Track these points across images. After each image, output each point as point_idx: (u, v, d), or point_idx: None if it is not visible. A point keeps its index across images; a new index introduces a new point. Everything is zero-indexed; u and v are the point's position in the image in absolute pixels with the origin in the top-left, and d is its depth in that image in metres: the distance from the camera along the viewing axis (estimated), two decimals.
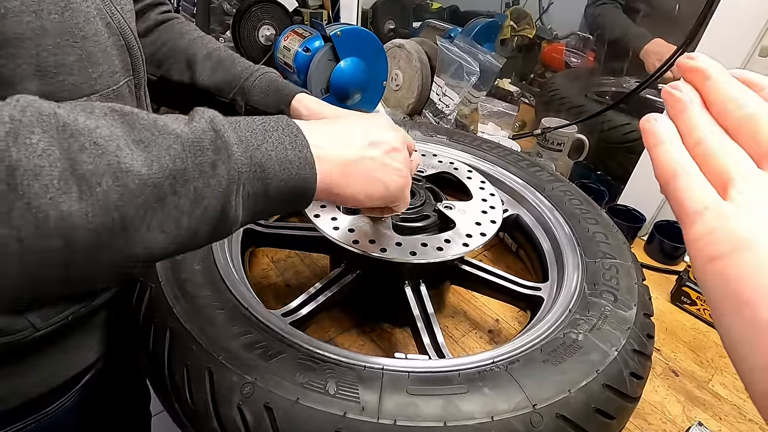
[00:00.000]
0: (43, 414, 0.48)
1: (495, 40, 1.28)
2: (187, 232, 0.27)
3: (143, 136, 0.25)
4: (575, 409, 0.38)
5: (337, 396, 0.37)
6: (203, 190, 0.27)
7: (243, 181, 0.29)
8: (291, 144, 0.32)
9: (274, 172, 0.30)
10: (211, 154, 0.27)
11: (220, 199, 0.28)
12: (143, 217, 0.25)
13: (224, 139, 0.28)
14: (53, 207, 0.21)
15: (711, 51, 0.71)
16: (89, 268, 0.24)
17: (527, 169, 0.75)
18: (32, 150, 0.21)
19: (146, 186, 0.24)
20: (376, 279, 0.58)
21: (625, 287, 0.52)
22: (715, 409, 0.57)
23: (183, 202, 0.26)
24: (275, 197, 0.31)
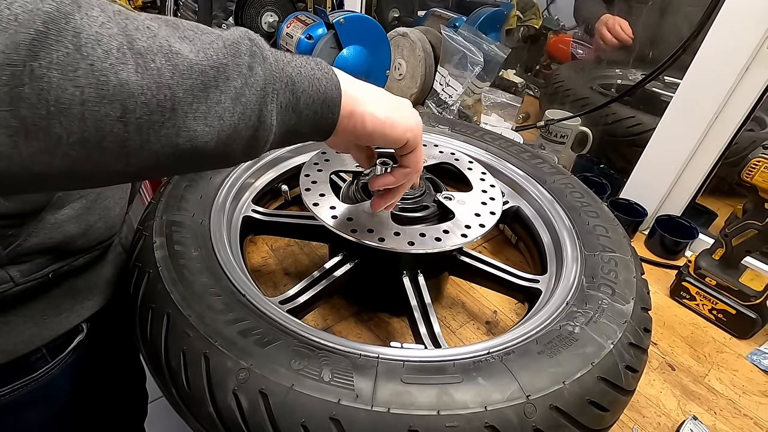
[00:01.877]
0: (31, 379, 0.48)
1: (500, 29, 1.26)
2: (228, 130, 0.29)
3: (188, 33, 0.28)
4: (569, 400, 0.38)
5: (332, 383, 0.37)
6: (242, 89, 0.29)
7: (277, 89, 0.31)
8: (317, 66, 0.35)
9: (303, 87, 0.33)
10: (248, 58, 0.30)
11: (257, 100, 0.30)
12: (191, 102, 0.26)
13: (259, 46, 0.31)
14: (113, 73, 0.23)
15: (718, 43, 0.70)
16: (138, 147, 0.25)
17: (529, 161, 0.74)
18: (94, 20, 0.22)
19: (194, 71, 0.26)
20: (374, 268, 0.58)
21: (623, 281, 0.52)
22: (710, 404, 0.57)
23: (224, 98, 0.28)
24: (304, 113, 0.34)
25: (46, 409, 0.52)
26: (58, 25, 0.21)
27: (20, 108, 0.21)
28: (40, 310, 0.46)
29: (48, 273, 0.45)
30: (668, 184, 0.83)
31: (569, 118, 0.98)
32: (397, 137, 0.41)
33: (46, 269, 0.45)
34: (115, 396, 0.64)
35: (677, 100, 0.78)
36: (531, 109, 1.28)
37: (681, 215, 0.84)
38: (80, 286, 0.50)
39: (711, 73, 0.72)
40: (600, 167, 1.00)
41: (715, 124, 0.75)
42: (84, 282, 0.50)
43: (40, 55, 0.21)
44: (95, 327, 0.53)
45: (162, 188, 0.58)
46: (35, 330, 0.46)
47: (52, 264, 0.46)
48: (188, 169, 0.31)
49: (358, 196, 0.59)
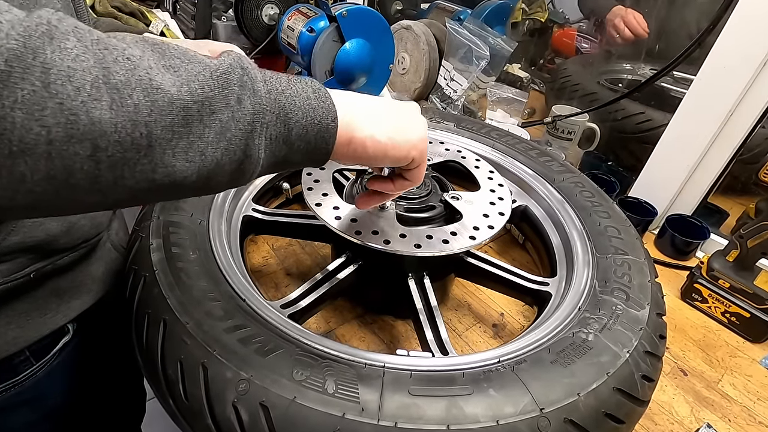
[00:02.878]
0: (15, 382, 0.46)
1: (506, 23, 1.24)
2: (210, 164, 0.27)
3: (173, 62, 0.26)
4: (584, 413, 0.37)
5: (336, 395, 0.35)
6: (228, 123, 0.27)
7: (267, 122, 0.30)
8: (314, 93, 0.32)
9: (297, 118, 0.31)
10: (237, 89, 0.28)
11: (244, 134, 0.28)
12: (170, 139, 0.25)
13: (251, 76, 0.29)
14: (84, 111, 0.22)
15: (735, 38, 0.68)
16: (111, 183, 0.24)
17: (537, 159, 0.72)
18: (66, 54, 0.21)
19: (175, 106, 0.25)
20: (378, 271, 0.57)
21: (637, 285, 0.50)
22: (724, 411, 0.56)
23: (208, 132, 0.27)
24: (296, 144, 0.32)
25: (33, 412, 0.50)
26: (24, 62, 0.20)
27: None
28: (23, 310, 0.45)
29: (30, 273, 0.43)
30: (680, 183, 0.81)
31: (577, 114, 0.96)
32: (401, 157, 0.39)
33: (27, 269, 0.43)
34: (109, 396, 0.63)
35: (691, 96, 0.76)
36: (536, 104, 1.26)
37: (692, 214, 0.82)
38: (66, 285, 0.48)
39: (727, 69, 0.70)
40: (608, 164, 0.98)
41: (730, 120, 0.72)
42: (70, 281, 0.48)
43: (2, 95, 0.20)
44: (84, 327, 0.51)
45: None
46: (19, 331, 0.44)
47: (34, 263, 0.44)
48: (168, 199, 0.30)
49: None
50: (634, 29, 1.06)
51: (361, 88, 1.05)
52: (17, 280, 0.42)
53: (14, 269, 0.42)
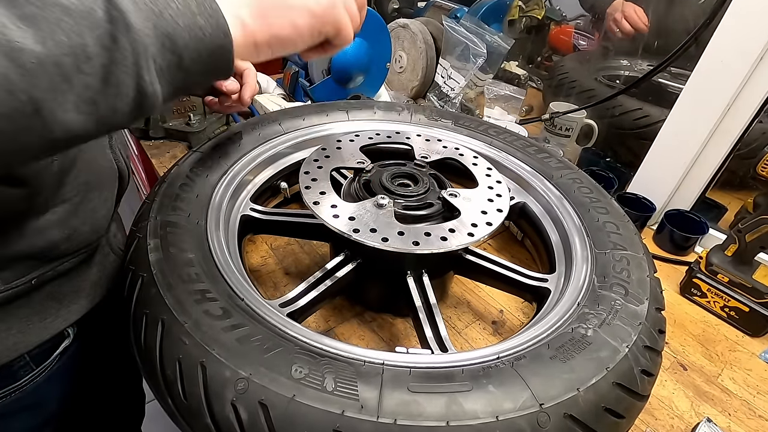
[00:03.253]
0: (14, 387, 0.46)
1: (503, 20, 1.23)
2: (105, 111, 0.26)
3: (27, 10, 0.23)
4: (584, 408, 0.37)
5: (335, 393, 0.35)
6: (110, 66, 0.25)
7: (152, 54, 0.27)
8: (198, 8, 0.29)
9: (184, 42, 0.29)
10: (107, 25, 0.25)
11: (131, 74, 0.26)
12: (54, 98, 0.24)
13: (119, 8, 0.26)
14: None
15: (732, 33, 0.68)
16: (17, 150, 0.24)
17: (535, 156, 0.72)
18: None
19: (46, 64, 0.23)
20: (377, 269, 0.57)
21: (636, 280, 0.50)
22: (724, 405, 0.56)
23: (91, 80, 0.25)
24: (192, 68, 0.30)
25: (34, 418, 0.50)
26: None
27: None
28: (24, 316, 0.44)
29: (31, 279, 0.43)
30: (678, 178, 0.81)
31: (574, 111, 0.96)
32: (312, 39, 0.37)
33: (28, 275, 0.43)
34: (109, 399, 0.62)
35: (688, 90, 0.76)
36: (534, 101, 1.26)
37: (690, 210, 0.82)
38: (66, 290, 0.48)
39: (723, 64, 0.70)
40: (606, 161, 0.98)
41: (727, 115, 0.73)
42: (70, 286, 0.48)
43: None
44: (83, 331, 0.51)
45: (156, 187, 0.56)
46: (20, 336, 0.44)
47: (36, 270, 0.43)
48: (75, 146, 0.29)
49: (360, 193, 0.57)
50: (634, 23, 1.06)
51: (359, 87, 1.05)
52: (18, 287, 0.42)
53: (16, 276, 0.42)
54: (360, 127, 0.74)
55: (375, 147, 0.67)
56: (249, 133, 0.68)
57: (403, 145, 0.69)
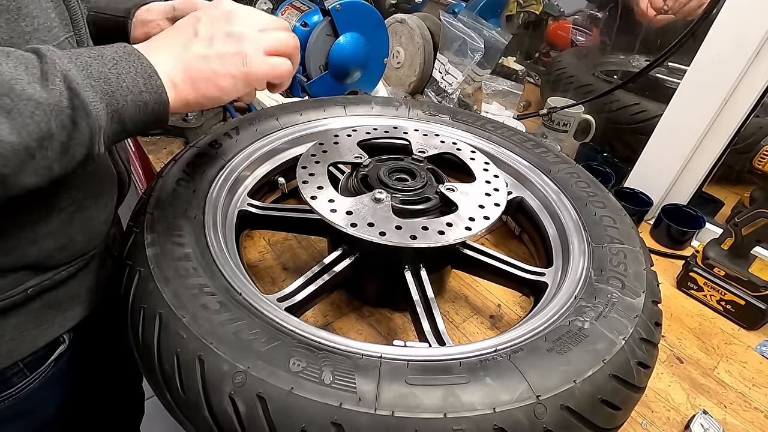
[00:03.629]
0: (8, 395, 0.46)
1: (500, 15, 1.23)
2: (59, 171, 0.32)
3: (4, 102, 0.28)
4: (581, 400, 0.37)
5: (333, 385, 0.35)
6: (68, 143, 0.31)
7: (103, 127, 0.33)
8: (145, 85, 0.35)
9: (130, 115, 0.35)
10: (70, 112, 0.31)
11: (84, 146, 0.32)
12: (18, 172, 0.29)
13: (80, 98, 0.31)
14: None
15: (728, 27, 0.68)
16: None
17: (532, 150, 0.72)
18: None
19: (17, 150, 0.28)
20: (375, 263, 0.57)
21: (632, 273, 0.50)
22: (720, 397, 0.56)
23: (51, 154, 0.31)
24: (133, 130, 0.37)
25: (29, 424, 0.49)
26: None
27: None
28: (19, 324, 0.44)
29: (27, 289, 0.43)
30: (675, 172, 0.81)
31: (572, 106, 0.96)
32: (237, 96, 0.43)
33: (23, 285, 0.43)
34: (107, 401, 0.62)
35: (685, 85, 0.76)
36: (532, 96, 1.26)
37: (687, 204, 0.82)
38: (62, 298, 0.48)
39: (721, 58, 0.70)
40: (604, 156, 0.98)
41: (725, 109, 0.73)
42: (66, 293, 0.48)
43: None
44: (79, 335, 0.51)
45: (154, 182, 0.56)
46: (14, 344, 0.44)
47: (31, 280, 0.44)
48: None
49: (357, 188, 0.57)
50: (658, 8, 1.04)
51: (356, 83, 1.04)
52: (14, 297, 0.42)
53: (11, 286, 0.42)
54: (357, 122, 0.74)
55: (372, 142, 0.67)
56: (246, 129, 0.68)
57: (401, 140, 0.69)
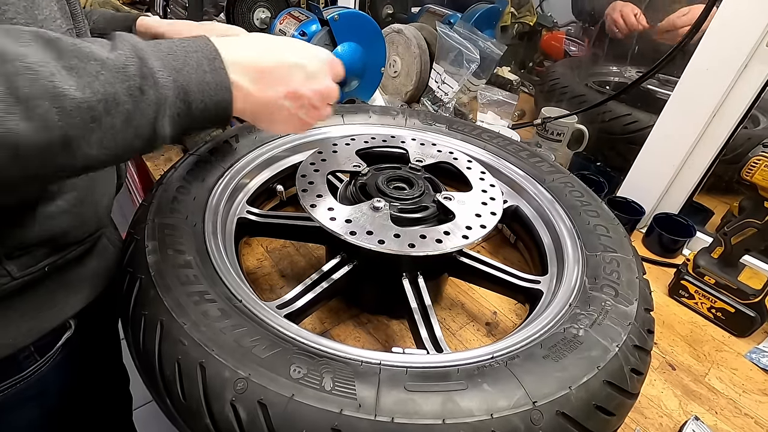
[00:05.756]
0: (20, 378, 0.48)
1: (495, 26, 1.25)
2: (122, 147, 0.31)
3: (72, 63, 0.28)
4: (576, 406, 0.38)
5: (334, 392, 0.36)
6: (133, 112, 0.31)
7: (169, 103, 0.33)
8: (209, 66, 0.35)
9: (194, 94, 0.34)
10: (138, 80, 0.31)
11: (149, 119, 0.32)
12: (82, 136, 0.28)
13: (149, 66, 0.32)
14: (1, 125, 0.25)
15: (717, 40, 0.70)
16: (36, 176, 0.29)
17: (527, 160, 0.73)
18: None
19: (82, 108, 0.28)
20: (373, 271, 0.57)
21: (626, 281, 0.51)
22: (711, 403, 0.57)
23: (116, 122, 0.30)
24: (198, 116, 0.36)
25: (37, 409, 0.51)
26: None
27: None
28: (36, 303, 0.46)
29: (44, 266, 0.45)
30: (666, 182, 0.83)
31: (566, 116, 0.97)
32: None
33: (42, 263, 0.45)
34: (105, 387, 0.64)
35: (676, 97, 0.78)
36: (526, 106, 1.27)
37: (678, 213, 0.84)
38: (72, 279, 0.50)
39: (710, 70, 0.72)
40: (597, 165, 1.00)
41: (714, 120, 0.75)
42: (75, 275, 0.50)
43: None
44: (83, 323, 0.53)
45: (154, 190, 0.56)
46: (32, 323, 0.46)
47: (48, 257, 0.45)
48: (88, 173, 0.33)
49: (355, 196, 0.58)
50: (630, 24, 1.08)
51: (354, 92, 1.06)
52: (32, 274, 0.44)
53: (30, 263, 0.44)
54: (355, 131, 0.75)
55: (370, 151, 0.68)
56: (245, 137, 0.69)
57: (398, 149, 0.70)
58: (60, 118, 0.27)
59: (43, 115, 0.26)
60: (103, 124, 0.29)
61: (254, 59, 0.39)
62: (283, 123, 0.43)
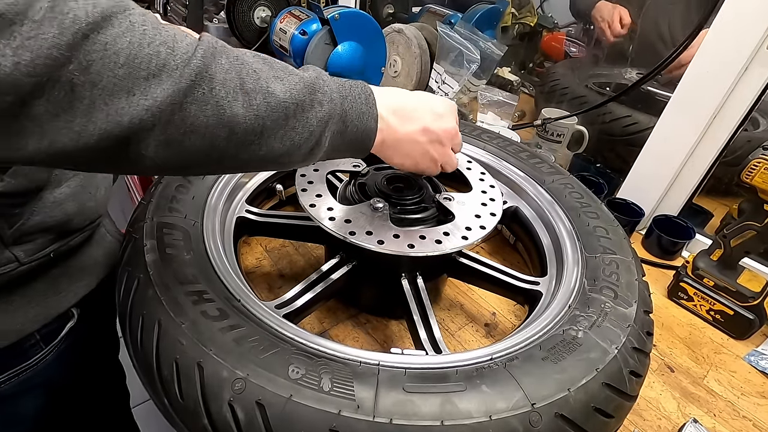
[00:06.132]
0: (26, 366, 0.49)
1: (496, 27, 1.25)
2: (294, 147, 0.37)
3: (279, 74, 0.35)
4: (574, 408, 0.37)
5: (332, 393, 0.36)
6: (311, 119, 0.37)
7: (335, 120, 0.39)
8: (365, 100, 0.42)
9: (352, 118, 0.40)
10: (319, 95, 0.37)
11: (320, 127, 0.38)
12: (273, 128, 0.34)
13: (328, 85, 0.39)
14: (228, 107, 0.31)
15: (718, 42, 0.70)
16: (231, 156, 0.34)
17: (527, 161, 0.73)
18: (221, 68, 0.31)
19: (281, 107, 0.34)
20: (372, 271, 0.57)
21: (625, 283, 0.51)
22: (709, 406, 0.57)
23: (298, 125, 0.36)
24: (348, 139, 0.41)
25: (43, 397, 0.53)
26: (202, 74, 0.30)
27: (168, 128, 0.29)
28: (41, 289, 0.48)
29: (49, 252, 0.47)
30: (666, 184, 0.83)
31: (566, 117, 0.97)
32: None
33: (47, 249, 0.47)
34: (105, 376, 0.66)
35: (676, 98, 0.78)
36: (526, 107, 1.27)
37: (678, 215, 0.84)
38: (75, 266, 0.52)
39: (710, 72, 0.72)
40: (596, 167, 1.00)
41: (714, 123, 0.74)
42: (78, 262, 0.52)
43: (189, 97, 0.29)
44: (85, 313, 0.54)
45: (152, 189, 0.56)
46: (38, 309, 0.48)
47: (53, 243, 0.47)
48: (256, 170, 0.40)
49: (355, 196, 0.57)
50: (613, 28, 1.10)
51: None
52: (39, 260, 0.46)
53: (36, 249, 0.46)
54: None
55: None
56: None
57: None
58: (266, 111, 0.33)
59: (257, 106, 0.32)
60: (289, 123, 0.35)
61: (396, 101, 0.45)
62: (416, 158, 0.48)
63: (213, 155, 0.33)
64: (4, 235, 0.43)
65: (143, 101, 0.28)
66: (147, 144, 0.29)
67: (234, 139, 0.32)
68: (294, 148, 0.36)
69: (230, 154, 0.33)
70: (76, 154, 0.28)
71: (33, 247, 0.45)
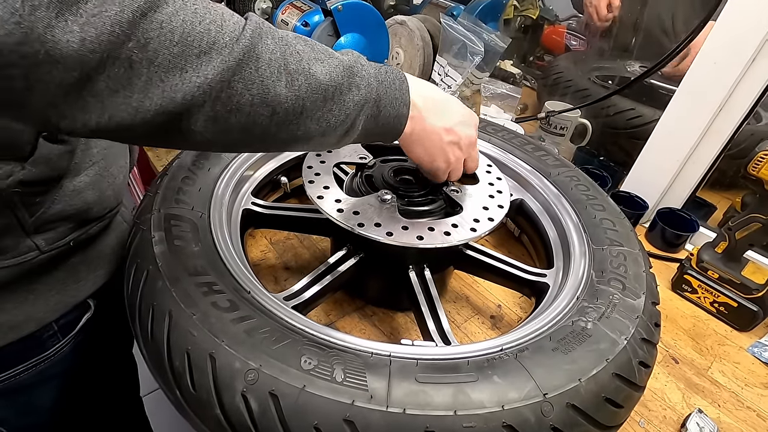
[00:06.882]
0: (44, 357, 0.50)
1: (499, 19, 1.24)
2: (330, 128, 0.37)
3: (320, 56, 0.36)
4: (585, 398, 0.38)
5: (345, 384, 0.36)
6: (348, 102, 0.38)
7: (369, 104, 0.40)
8: (399, 86, 0.42)
9: (385, 103, 0.41)
10: (357, 79, 0.38)
11: (355, 110, 0.38)
12: (313, 110, 0.35)
13: (366, 70, 0.40)
14: (272, 87, 0.32)
15: (724, 34, 0.70)
16: (272, 135, 0.35)
17: (533, 154, 0.73)
18: (267, 48, 0.32)
19: (320, 88, 0.35)
20: (380, 263, 0.57)
21: (633, 275, 0.51)
22: (714, 397, 0.58)
23: (335, 107, 0.37)
24: (380, 123, 0.42)
25: (57, 388, 0.54)
26: (249, 52, 0.31)
27: (216, 105, 0.30)
28: (61, 277, 0.49)
29: (69, 241, 0.48)
30: (670, 177, 0.83)
31: (569, 110, 0.97)
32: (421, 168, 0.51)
33: (67, 237, 0.47)
34: (117, 367, 0.66)
35: (681, 91, 0.77)
36: (528, 100, 1.27)
37: (681, 208, 0.84)
38: (93, 254, 0.52)
39: (717, 65, 0.72)
40: (600, 160, 1.00)
41: (719, 115, 0.74)
42: (96, 251, 0.52)
43: (237, 75, 0.30)
44: (101, 305, 0.55)
45: (158, 180, 0.56)
46: (58, 297, 0.49)
47: (73, 232, 0.48)
48: (292, 150, 0.40)
49: (362, 188, 0.57)
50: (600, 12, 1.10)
51: None
52: (59, 248, 0.47)
53: (56, 237, 0.46)
54: None
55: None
56: None
57: None
58: (306, 92, 0.34)
59: (298, 87, 0.33)
60: (326, 105, 0.36)
61: (429, 92, 0.46)
62: (434, 154, 0.48)
63: (256, 132, 0.34)
64: (26, 223, 0.43)
65: (195, 78, 0.28)
66: (197, 119, 0.30)
67: (275, 119, 0.33)
68: (330, 129, 0.37)
69: (271, 133, 0.34)
70: (134, 128, 0.29)
71: (53, 236, 0.46)
